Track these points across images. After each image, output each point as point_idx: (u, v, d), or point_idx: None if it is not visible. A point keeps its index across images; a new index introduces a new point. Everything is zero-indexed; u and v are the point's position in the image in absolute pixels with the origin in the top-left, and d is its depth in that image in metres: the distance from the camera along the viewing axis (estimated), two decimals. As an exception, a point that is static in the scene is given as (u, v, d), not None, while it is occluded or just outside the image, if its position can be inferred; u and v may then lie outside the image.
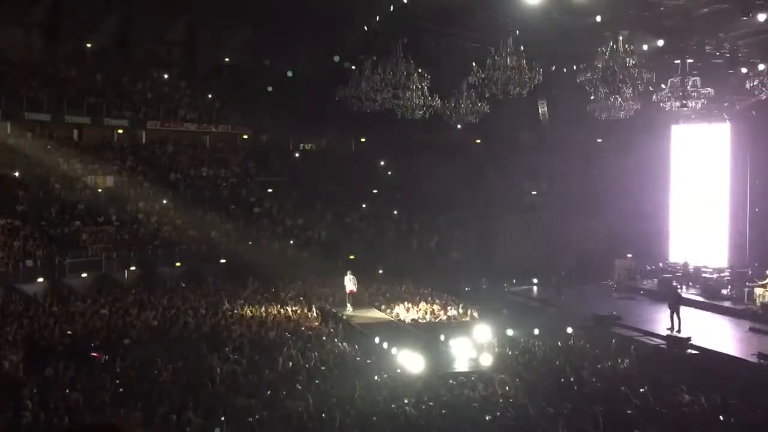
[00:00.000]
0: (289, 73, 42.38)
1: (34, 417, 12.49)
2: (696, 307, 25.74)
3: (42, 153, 34.29)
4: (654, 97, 25.00)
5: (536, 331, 20.83)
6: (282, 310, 24.89)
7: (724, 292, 27.14)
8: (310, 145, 44.65)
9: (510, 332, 20.72)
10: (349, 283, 26.50)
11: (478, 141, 42.52)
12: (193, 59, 43.12)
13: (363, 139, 44.77)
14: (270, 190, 39.81)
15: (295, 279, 31.11)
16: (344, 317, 24.26)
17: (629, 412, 12.45)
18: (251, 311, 24.59)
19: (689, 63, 24.49)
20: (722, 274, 28.81)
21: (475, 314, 24.33)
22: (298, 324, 22.71)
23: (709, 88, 24.75)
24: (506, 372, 16.05)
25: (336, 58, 40.17)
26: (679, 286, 26.59)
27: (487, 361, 17.40)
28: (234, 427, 12.05)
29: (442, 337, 19.72)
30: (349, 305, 25.91)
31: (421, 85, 25.94)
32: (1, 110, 33.78)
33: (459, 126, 35.35)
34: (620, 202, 38.30)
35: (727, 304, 25.98)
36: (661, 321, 22.43)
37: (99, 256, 30.29)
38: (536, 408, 12.54)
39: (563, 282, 31.14)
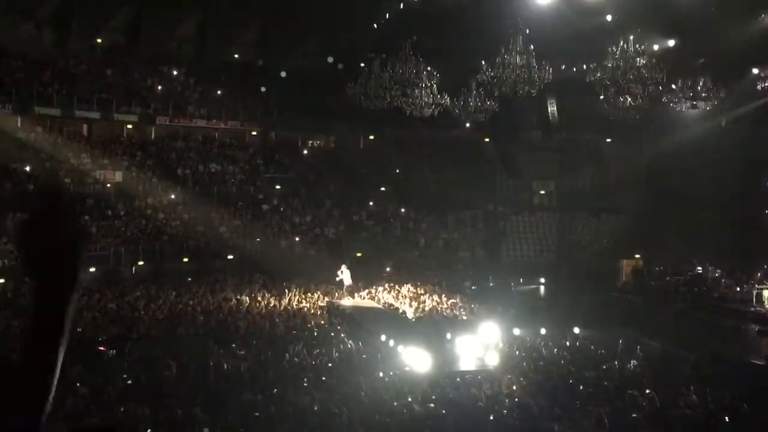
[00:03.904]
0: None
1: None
2: (703, 309, 25.64)
3: (52, 147, 34.46)
4: (664, 97, 24.91)
5: (543, 331, 20.80)
6: (289, 307, 24.99)
7: (732, 293, 27.00)
8: (318, 142, 44.69)
9: (516, 331, 20.70)
10: (345, 276, 27.11)
11: (487, 139, 42.46)
12: (203, 55, 43.22)
13: (372, 137, 44.79)
14: (278, 187, 39.89)
15: (302, 276, 31.20)
16: (349, 313, 24.40)
17: (634, 415, 12.41)
18: (258, 307, 24.67)
19: (700, 63, 24.37)
20: (731, 276, 28.67)
21: (481, 313, 24.36)
22: (305, 320, 22.79)
23: (719, 89, 24.64)
24: (512, 371, 16.03)
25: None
26: (686, 287, 26.51)
27: (493, 360, 17.39)
28: (240, 423, 12.09)
29: (449, 336, 19.73)
30: (349, 298, 26.37)
31: (430, 83, 25.92)
32: (11, 105, 33.95)
33: (468, 124, 35.37)
34: (629, 202, 38.25)
35: (734, 306, 25.86)
36: (668, 322, 22.36)
37: (107, 250, 30.43)
38: (541, 408, 12.52)
39: (570, 282, 31.09)
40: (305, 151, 43.72)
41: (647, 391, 13.41)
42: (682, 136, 33.14)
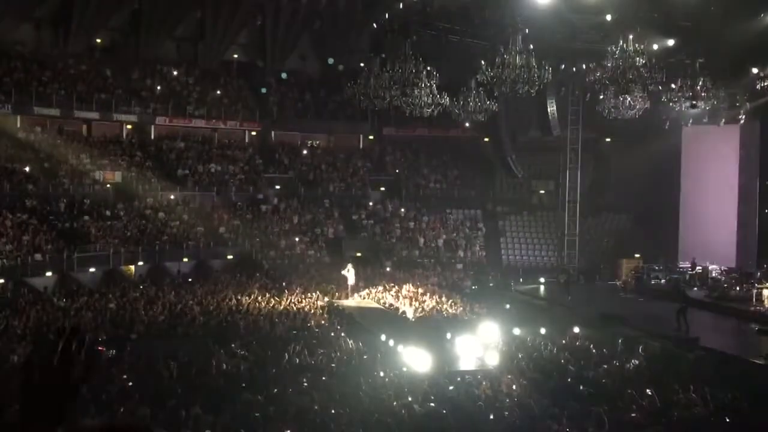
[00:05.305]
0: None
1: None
2: (703, 308, 25.62)
3: (51, 148, 34.45)
4: (663, 97, 24.89)
5: (543, 331, 20.78)
6: (289, 307, 24.98)
7: (732, 293, 27.00)
8: (318, 141, 44.70)
9: (516, 331, 20.68)
10: (350, 275, 27.18)
11: (486, 139, 42.45)
12: (202, 55, 43.20)
13: (371, 137, 44.79)
14: (278, 187, 39.89)
15: (302, 275, 31.21)
16: (349, 313, 24.41)
17: (633, 415, 12.41)
18: (258, 307, 24.67)
19: (699, 63, 24.35)
20: (730, 275, 28.67)
21: (481, 312, 24.37)
22: (305, 320, 22.79)
23: (719, 89, 24.63)
24: (512, 371, 16.02)
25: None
26: (686, 287, 26.50)
27: (493, 359, 17.37)
28: (240, 423, 12.08)
29: (448, 335, 19.72)
30: (351, 298, 26.39)
31: (430, 83, 25.92)
32: (11, 105, 33.94)
33: (467, 124, 35.37)
34: (628, 201, 38.23)
35: (734, 305, 25.85)
36: (668, 321, 22.34)
37: (107, 250, 30.44)
38: (541, 407, 12.52)
39: (570, 281, 31.07)
40: (305, 151, 43.72)
41: (647, 391, 13.40)
42: (682, 135, 33.17)
